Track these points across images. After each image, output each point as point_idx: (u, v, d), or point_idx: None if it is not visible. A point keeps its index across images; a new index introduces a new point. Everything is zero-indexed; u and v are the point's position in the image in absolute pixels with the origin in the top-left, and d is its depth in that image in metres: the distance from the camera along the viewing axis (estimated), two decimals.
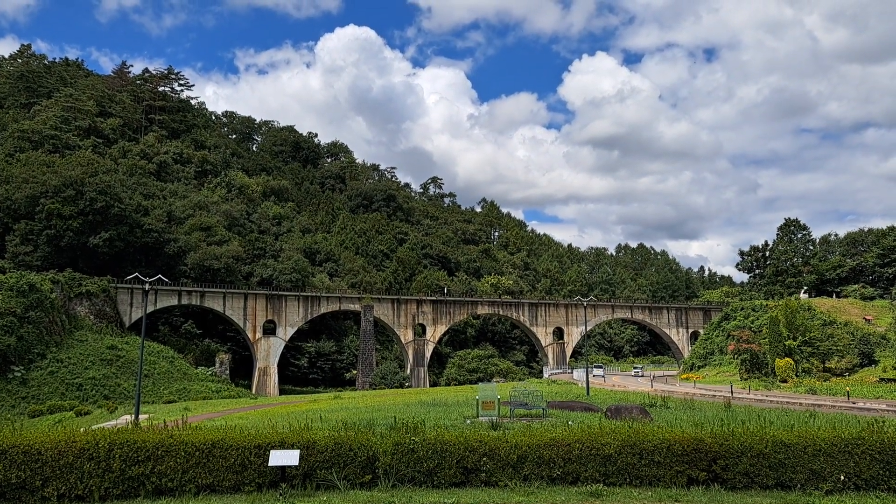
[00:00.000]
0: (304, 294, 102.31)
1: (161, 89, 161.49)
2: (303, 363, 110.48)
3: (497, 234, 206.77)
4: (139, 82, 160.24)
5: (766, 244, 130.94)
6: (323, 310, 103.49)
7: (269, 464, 13.82)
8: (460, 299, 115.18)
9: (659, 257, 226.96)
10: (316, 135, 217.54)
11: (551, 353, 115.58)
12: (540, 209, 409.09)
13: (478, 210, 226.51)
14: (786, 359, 68.30)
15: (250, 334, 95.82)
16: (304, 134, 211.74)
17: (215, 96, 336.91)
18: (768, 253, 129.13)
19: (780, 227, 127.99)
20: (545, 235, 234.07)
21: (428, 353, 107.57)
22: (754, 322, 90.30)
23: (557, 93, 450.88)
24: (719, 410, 32.00)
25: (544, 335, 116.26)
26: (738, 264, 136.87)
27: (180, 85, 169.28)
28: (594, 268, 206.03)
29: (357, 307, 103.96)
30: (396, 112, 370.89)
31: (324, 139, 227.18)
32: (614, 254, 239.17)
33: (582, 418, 24.57)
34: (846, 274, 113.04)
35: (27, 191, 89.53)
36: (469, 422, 24.31)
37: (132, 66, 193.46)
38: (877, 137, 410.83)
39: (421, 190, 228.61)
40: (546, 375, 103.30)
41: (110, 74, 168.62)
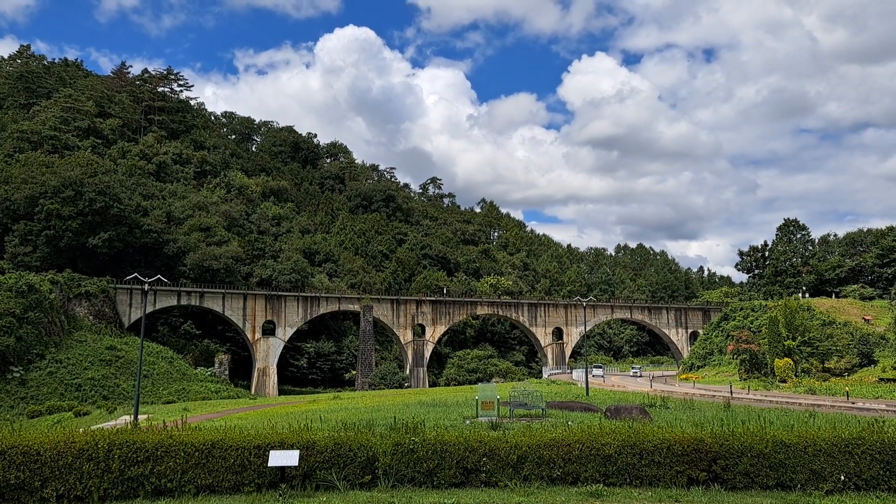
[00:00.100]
0: (304, 294, 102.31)
1: (160, 90, 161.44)
2: (302, 363, 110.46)
3: (496, 235, 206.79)
4: (138, 83, 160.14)
5: (766, 244, 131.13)
6: (322, 310, 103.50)
7: (269, 464, 13.81)
8: (460, 300, 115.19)
9: (658, 257, 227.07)
10: (315, 135, 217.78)
11: (550, 354, 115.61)
12: (539, 209, 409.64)
13: (477, 210, 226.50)
14: (785, 359, 68.34)
15: (249, 335, 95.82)
16: (304, 134, 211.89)
17: (214, 97, 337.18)
18: (767, 253, 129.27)
19: (780, 228, 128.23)
20: (544, 236, 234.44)
21: (427, 354, 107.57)
22: (753, 322, 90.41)
23: (557, 93, 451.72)
24: (719, 410, 31.99)
25: (543, 335, 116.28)
26: (738, 264, 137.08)
27: (179, 85, 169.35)
28: (593, 268, 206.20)
29: (356, 307, 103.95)
30: (396, 112, 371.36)
31: (323, 139, 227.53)
32: (613, 254, 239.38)
33: (581, 418, 24.55)
34: (845, 274, 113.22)
35: (26, 191, 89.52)
36: (469, 422, 24.28)
37: (131, 67, 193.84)
38: (876, 138, 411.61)
39: (420, 190, 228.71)
40: (545, 376, 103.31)
41: (109, 75, 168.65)
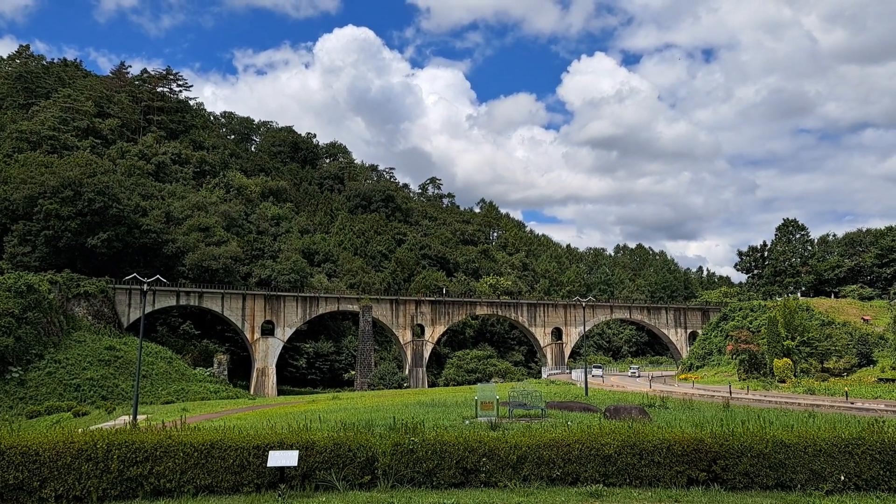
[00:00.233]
0: (303, 294, 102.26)
1: (159, 90, 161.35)
2: (301, 364, 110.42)
3: (496, 235, 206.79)
4: (137, 83, 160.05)
5: (765, 245, 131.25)
6: (321, 310, 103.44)
7: (268, 464, 13.78)
8: (459, 300, 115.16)
9: (657, 258, 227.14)
10: (314, 135, 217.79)
11: (550, 354, 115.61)
12: (539, 210, 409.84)
13: (476, 211, 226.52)
14: (784, 359, 68.36)
15: (249, 335, 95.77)
16: (303, 134, 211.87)
17: (214, 97, 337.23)
18: (767, 253, 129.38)
19: (779, 228, 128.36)
20: (544, 236, 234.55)
21: (426, 354, 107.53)
22: (753, 322, 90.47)
23: (556, 93, 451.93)
24: (718, 410, 32.00)
25: (543, 336, 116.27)
26: (737, 265, 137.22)
27: (179, 85, 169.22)
28: (593, 268, 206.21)
29: (355, 308, 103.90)
30: (395, 112, 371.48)
31: (322, 140, 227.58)
32: (613, 254, 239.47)
33: (581, 418, 24.54)
34: (844, 274, 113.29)
35: (25, 191, 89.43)
36: (468, 422, 24.26)
37: (130, 67, 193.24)
38: (875, 138, 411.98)
39: (420, 190, 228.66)
40: (545, 376, 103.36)
41: (108, 75, 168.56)
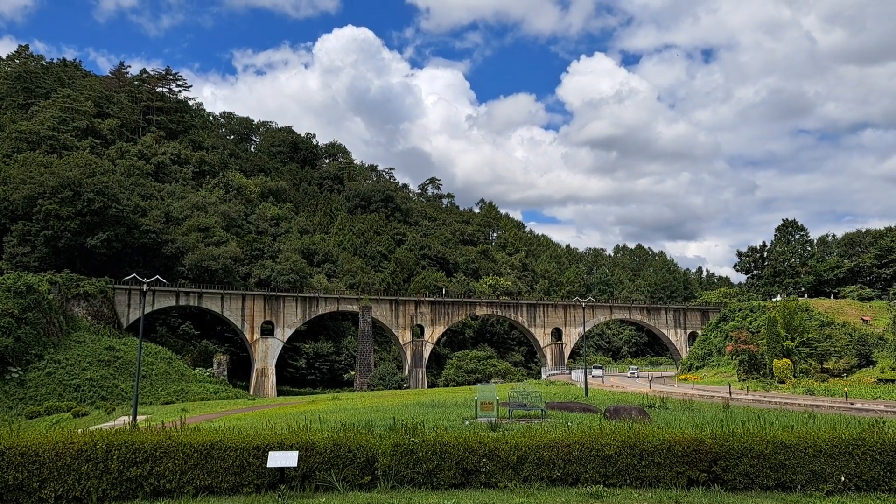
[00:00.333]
0: (302, 295, 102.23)
1: (159, 90, 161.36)
2: (301, 364, 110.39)
3: (495, 235, 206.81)
4: (137, 83, 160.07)
5: (764, 245, 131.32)
6: (321, 311, 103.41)
7: (268, 465, 13.76)
8: (459, 300, 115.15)
9: (657, 258, 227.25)
10: (314, 135, 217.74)
11: (550, 354, 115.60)
12: (538, 210, 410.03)
13: (476, 211, 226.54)
14: (784, 359, 68.37)
15: (248, 335, 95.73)
16: (303, 135, 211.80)
17: (213, 97, 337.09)
18: (766, 254, 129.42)
19: (778, 228, 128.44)
20: (543, 236, 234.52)
21: (426, 354, 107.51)
22: (752, 323, 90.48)
23: (556, 94, 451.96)
24: (718, 411, 32.01)
25: (543, 336, 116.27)
26: (736, 265, 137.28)
27: (178, 85, 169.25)
28: (592, 269, 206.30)
29: (355, 308, 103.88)
30: (395, 113, 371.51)
31: (322, 140, 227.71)
32: (612, 255, 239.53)
33: (581, 419, 24.52)
34: (844, 275, 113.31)
35: (25, 191, 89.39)
36: (468, 423, 24.25)
37: (130, 67, 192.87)
38: (874, 138, 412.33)
39: (419, 191, 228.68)
40: (544, 376, 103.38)
41: (108, 75, 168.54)
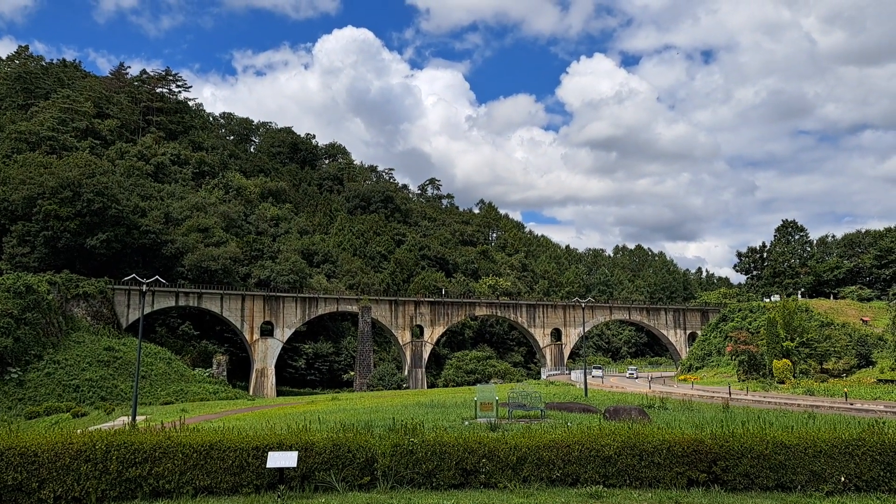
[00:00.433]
0: (302, 295, 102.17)
1: (158, 90, 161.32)
2: (300, 364, 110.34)
3: (495, 236, 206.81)
4: (137, 83, 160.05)
5: (764, 246, 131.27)
6: (321, 311, 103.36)
7: (268, 465, 13.73)
8: (458, 300, 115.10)
9: (656, 259, 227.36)
10: (314, 136, 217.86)
11: (549, 355, 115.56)
12: (538, 210, 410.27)
13: (476, 211, 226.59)
14: (783, 360, 68.35)
15: (248, 336, 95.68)
16: (302, 135, 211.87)
17: (213, 97, 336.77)
18: (766, 254, 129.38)
19: (778, 229, 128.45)
20: (543, 237, 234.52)
21: (426, 355, 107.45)
22: (752, 323, 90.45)
23: (555, 94, 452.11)
24: (718, 411, 32.00)
25: (542, 336, 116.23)
26: (736, 266, 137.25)
27: (178, 86, 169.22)
28: (592, 269, 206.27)
29: (355, 308, 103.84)
30: (394, 113, 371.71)
31: (322, 140, 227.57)
32: (612, 255, 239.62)
33: (580, 419, 24.51)
34: (843, 275, 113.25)
35: (24, 192, 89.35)
36: (467, 423, 24.24)
37: (130, 68, 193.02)
38: (874, 139, 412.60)
39: (419, 191, 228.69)
40: (544, 377, 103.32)
41: (108, 76, 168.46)
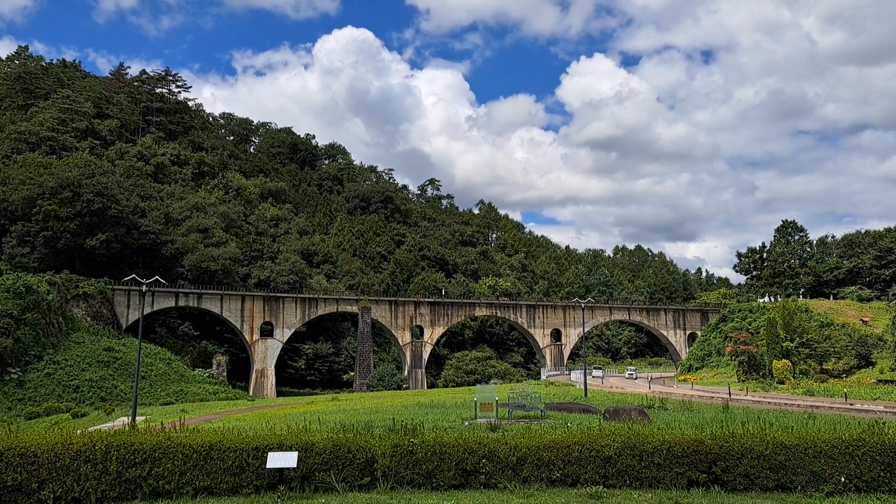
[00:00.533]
0: (302, 296, 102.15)
1: (158, 91, 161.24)
2: (300, 365, 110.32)
3: (495, 236, 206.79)
4: (136, 84, 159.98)
5: (764, 246, 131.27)
6: (320, 311, 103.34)
7: (268, 466, 13.72)
8: (458, 301, 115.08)
9: (656, 259, 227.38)
10: (314, 136, 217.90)
11: (549, 355, 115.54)
12: (538, 211, 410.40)
13: (475, 212, 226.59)
14: (783, 360, 68.37)
15: (247, 336, 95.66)
16: (302, 136, 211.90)
17: (213, 98, 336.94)
18: (766, 255, 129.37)
19: (778, 229, 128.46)
20: (543, 237, 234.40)
21: (426, 355, 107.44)
22: (752, 324, 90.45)
23: (555, 95, 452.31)
24: (718, 412, 32.00)
25: (542, 337, 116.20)
26: (736, 266, 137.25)
27: (178, 86, 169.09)
28: (592, 269, 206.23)
29: (354, 309, 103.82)
30: (394, 114, 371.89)
31: (321, 141, 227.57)
32: (612, 255, 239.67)
33: (580, 420, 24.50)
34: (843, 275, 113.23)
35: (24, 192, 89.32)
36: (467, 424, 24.23)
37: (129, 68, 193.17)
38: (874, 139, 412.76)
39: (419, 192, 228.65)
40: (544, 377, 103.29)
41: (107, 76, 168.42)
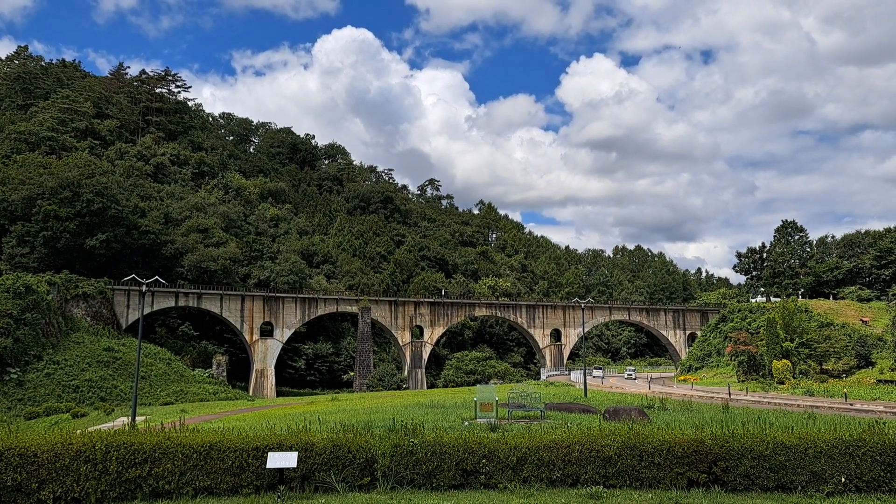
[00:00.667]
0: (302, 296, 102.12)
1: (158, 91, 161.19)
2: (300, 365, 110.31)
3: (495, 237, 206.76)
4: (136, 84, 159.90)
5: (764, 246, 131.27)
6: (320, 311, 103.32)
7: (268, 466, 13.72)
8: (458, 301, 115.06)
9: (656, 259, 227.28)
10: (313, 136, 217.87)
11: (549, 355, 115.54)
12: (538, 211, 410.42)
13: (475, 212, 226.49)
14: (783, 360, 68.38)
15: (247, 336, 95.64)
16: (302, 136, 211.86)
17: (212, 98, 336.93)
18: (765, 255, 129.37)
19: (778, 229, 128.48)
20: (543, 237, 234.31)
21: (425, 355, 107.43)
22: (752, 324, 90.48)
23: (555, 95, 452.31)
24: (718, 412, 32.00)
25: (542, 337, 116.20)
26: (736, 266, 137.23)
27: (177, 86, 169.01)
28: (592, 270, 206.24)
29: (354, 309, 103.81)
30: (394, 114, 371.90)
31: (321, 141, 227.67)
32: (612, 256, 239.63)
33: (580, 420, 24.51)
34: (843, 276, 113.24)
35: (24, 192, 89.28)
36: (467, 424, 24.23)
37: (129, 68, 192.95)
38: (873, 139, 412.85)
39: (418, 192, 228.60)
40: (543, 377, 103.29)
41: (107, 76, 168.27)
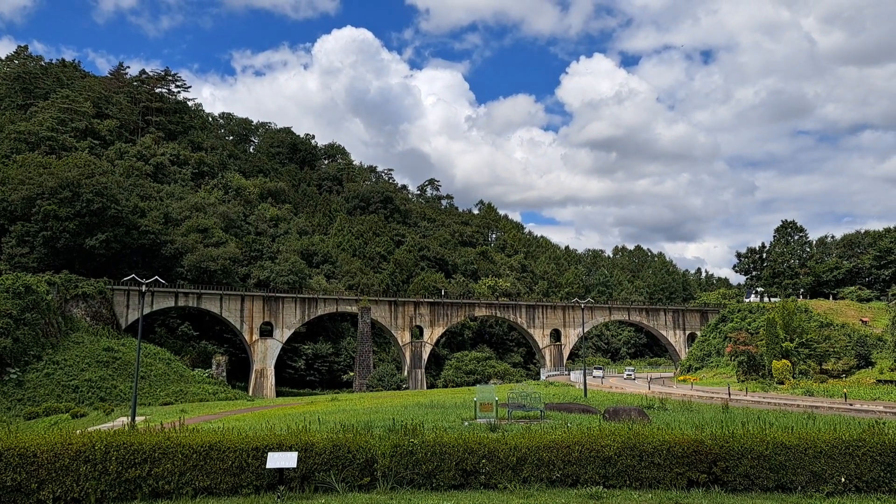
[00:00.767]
0: (301, 296, 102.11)
1: (158, 91, 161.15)
2: (300, 365, 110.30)
3: (494, 237, 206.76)
4: (136, 84, 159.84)
5: (763, 246, 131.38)
6: (320, 311, 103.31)
7: (267, 466, 13.71)
8: (458, 301, 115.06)
9: (656, 259, 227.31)
10: (313, 136, 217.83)
11: (548, 355, 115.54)
12: (537, 211, 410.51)
13: (475, 212, 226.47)
14: (783, 360, 68.39)
15: (247, 336, 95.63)
16: (302, 136, 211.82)
17: (212, 98, 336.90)
18: (765, 255, 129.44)
19: (777, 229, 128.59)
20: (542, 237, 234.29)
21: (425, 355, 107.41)
22: (751, 324, 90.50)
23: (555, 95, 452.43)
24: (717, 412, 32.01)
25: (541, 337, 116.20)
26: (736, 266, 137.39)
27: (177, 86, 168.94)
28: (591, 270, 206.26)
29: (354, 309, 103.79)
30: (394, 114, 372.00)
31: (321, 141, 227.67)
32: (611, 256, 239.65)
33: (580, 420, 24.51)
34: (843, 276, 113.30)
35: (23, 192, 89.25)
36: (467, 424, 24.22)
37: (129, 68, 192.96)
38: (873, 139, 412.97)
39: (418, 192, 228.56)
40: (543, 377, 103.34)
41: (107, 76, 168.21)
